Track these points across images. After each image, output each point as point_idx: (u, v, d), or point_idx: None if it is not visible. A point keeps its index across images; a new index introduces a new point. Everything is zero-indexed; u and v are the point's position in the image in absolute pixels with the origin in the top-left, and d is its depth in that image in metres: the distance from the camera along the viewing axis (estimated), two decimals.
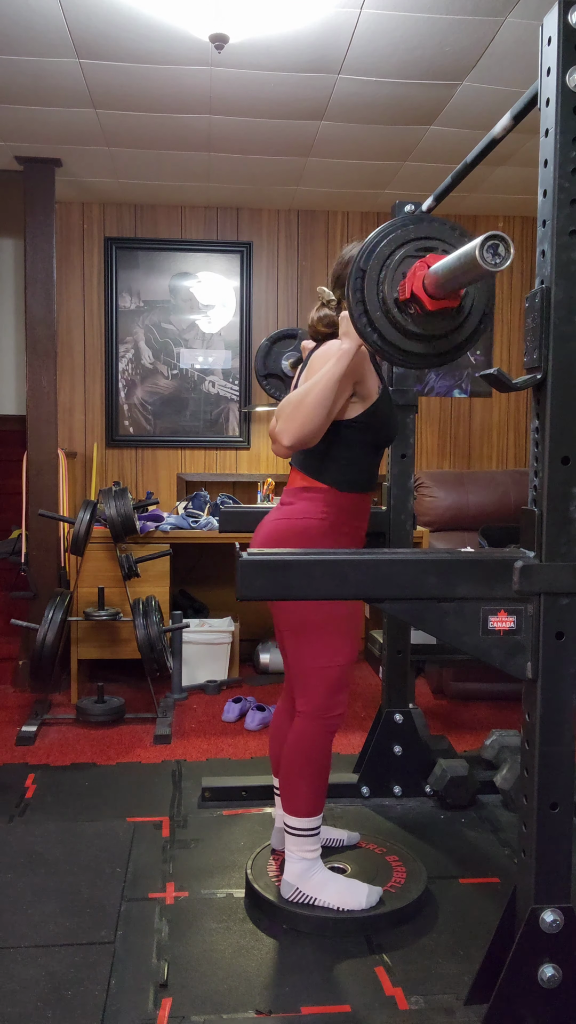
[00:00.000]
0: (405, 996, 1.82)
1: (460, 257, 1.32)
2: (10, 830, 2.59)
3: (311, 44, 2.91)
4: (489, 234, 1.27)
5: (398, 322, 1.49)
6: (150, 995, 1.82)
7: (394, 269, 1.49)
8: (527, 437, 5.06)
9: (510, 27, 2.78)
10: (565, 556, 1.57)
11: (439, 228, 1.53)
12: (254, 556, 1.58)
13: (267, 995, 1.82)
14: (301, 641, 2.09)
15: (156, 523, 4.02)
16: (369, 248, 1.52)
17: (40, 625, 3.50)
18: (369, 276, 1.50)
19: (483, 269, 1.27)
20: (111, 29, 2.81)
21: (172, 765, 3.17)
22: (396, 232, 1.52)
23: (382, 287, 1.49)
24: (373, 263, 1.50)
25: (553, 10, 1.49)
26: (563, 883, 1.61)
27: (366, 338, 1.51)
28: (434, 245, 1.52)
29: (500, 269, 1.28)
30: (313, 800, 2.09)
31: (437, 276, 1.41)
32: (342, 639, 2.09)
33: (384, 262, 1.50)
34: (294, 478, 2.17)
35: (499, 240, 1.27)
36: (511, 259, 1.29)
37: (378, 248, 1.51)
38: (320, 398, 1.90)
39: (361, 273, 1.51)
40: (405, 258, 1.50)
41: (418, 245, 1.51)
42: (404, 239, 1.52)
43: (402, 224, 1.52)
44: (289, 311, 4.85)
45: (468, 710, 3.83)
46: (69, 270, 4.69)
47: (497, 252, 1.27)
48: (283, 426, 1.94)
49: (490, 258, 1.27)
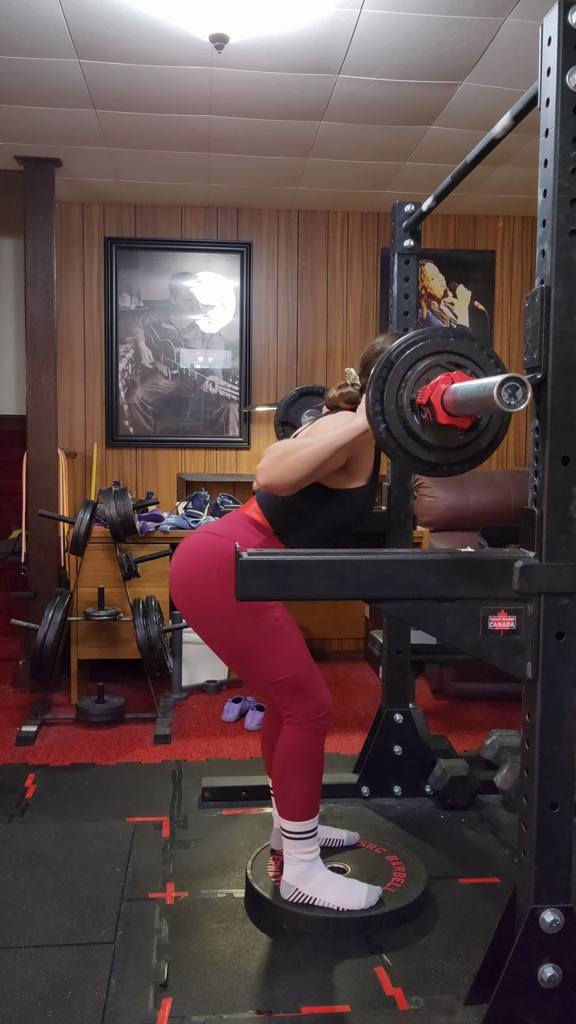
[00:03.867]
0: (405, 996, 1.82)
1: (479, 388, 1.35)
2: (10, 830, 2.59)
3: (311, 44, 2.91)
4: (509, 376, 1.30)
5: (408, 421, 1.53)
6: (150, 995, 1.82)
7: (421, 372, 1.53)
8: (527, 437, 5.06)
9: (510, 27, 2.78)
10: (565, 556, 1.57)
11: (476, 350, 1.56)
12: (254, 556, 1.58)
13: (267, 995, 1.82)
14: (248, 667, 2.07)
15: (156, 523, 4.02)
16: (404, 345, 1.55)
17: (40, 625, 3.50)
18: (396, 370, 1.53)
19: (498, 407, 1.30)
20: (111, 29, 2.81)
21: (172, 765, 3.17)
22: (435, 340, 1.55)
23: (404, 384, 1.53)
24: (403, 360, 1.53)
25: (553, 10, 1.49)
26: (563, 883, 1.61)
27: (374, 425, 1.54)
28: (465, 364, 1.55)
29: (515, 410, 1.31)
30: (308, 803, 2.08)
31: (455, 396, 1.44)
32: (286, 646, 2.05)
33: (414, 363, 1.54)
34: (249, 505, 2.18)
35: (518, 383, 1.30)
36: (527, 403, 1.31)
37: (412, 348, 1.54)
38: (311, 456, 1.89)
39: (390, 365, 1.54)
40: (434, 366, 1.53)
41: (450, 359, 1.54)
42: (439, 348, 1.55)
43: (442, 334, 1.55)
44: (289, 311, 4.85)
45: (468, 710, 3.83)
46: (69, 270, 4.69)
47: (514, 395, 1.30)
48: (265, 465, 1.92)
49: (507, 398, 1.30)
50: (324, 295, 4.87)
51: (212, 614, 2.04)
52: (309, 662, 2.09)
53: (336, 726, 3.60)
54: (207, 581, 2.03)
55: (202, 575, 2.04)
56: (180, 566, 2.10)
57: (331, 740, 3.42)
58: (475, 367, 1.55)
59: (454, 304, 4.95)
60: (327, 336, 4.89)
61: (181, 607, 2.10)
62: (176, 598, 2.11)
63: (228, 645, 2.07)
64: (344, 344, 4.90)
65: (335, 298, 4.88)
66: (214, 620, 2.05)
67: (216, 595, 2.01)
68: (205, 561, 2.04)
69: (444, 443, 1.54)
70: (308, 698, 2.06)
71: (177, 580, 2.10)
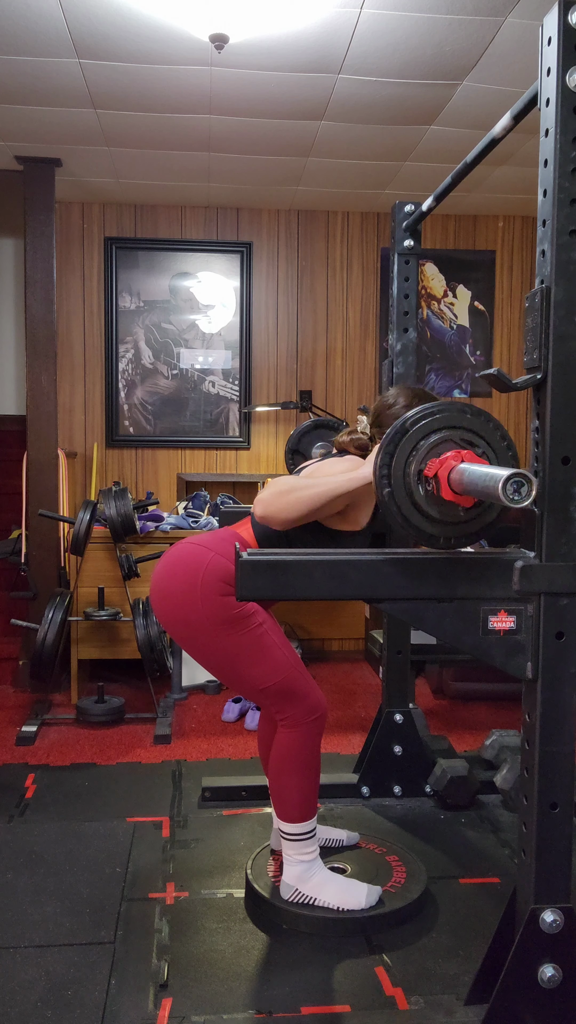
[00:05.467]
0: (405, 996, 1.82)
1: (486, 477, 1.36)
2: (10, 830, 2.59)
3: (311, 44, 2.91)
4: (515, 472, 1.31)
5: (412, 490, 1.54)
6: (150, 995, 1.82)
7: (432, 445, 1.53)
8: (527, 437, 5.06)
9: (510, 27, 2.78)
10: (565, 556, 1.57)
11: (491, 430, 1.56)
12: (254, 556, 1.58)
13: (267, 995, 1.82)
14: (234, 676, 2.06)
15: (156, 523, 4.02)
16: (420, 415, 1.55)
17: (40, 625, 3.50)
18: (408, 438, 1.54)
19: (501, 500, 1.31)
20: (111, 29, 2.81)
21: (172, 765, 3.17)
22: (451, 414, 1.55)
23: (414, 454, 1.54)
24: (417, 430, 1.54)
25: (553, 10, 1.49)
26: (563, 883, 1.61)
27: (378, 487, 1.56)
28: (477, 443, 1.55)
29: (518, 506, 1.31)
30: (305, 805, 2.07)
31: (462, 477, 1.45)
32: (271, 652, 2.03)
33: (427, 434, 1.54)
34: (242, 525, 2.17)
35: (524, 480, 1.31)
36: (531, 499, 1.32)
37: (428, 420, 1.55)
38: (312, 497, 1.89)
39: (404, 432, 1.54)
40: (447, 440, 1.54)
41: (464, 435, 1.55)
42: (454, 423, 1.55)
43: (459, 409, 1.56)
44: (289, 311, 4.85)
45: (468, 710, 3.83)
46: (69, 270, 4.69)
47: (519, 490, 1.32)
48: (266, 497, 1.91)
49: (511, 492, 1.32)
50: (324, 295, 4.87)
51: (194, 625, 2.02)
52: (296, 665, 2.06)
53: (336, 726, 3.60)
54: (190, 591, 2.01)
55: (185, 585, 2.02)
56: (162, 577, 2.08)
57: (331, 740, 3.42)
58: (487, 447, 1.55)
59: (454, 304, 4.95)
60: (327, 336, 4.89)
61: (163, 620, 2.08)
62: (158, 612, 2.09)
63: (212, 655, 2.05)
64: (344, 344, 4.90)
65: (335, 298, 4.88)
66: (196, 631, 2.03)
67: (198, 605, 2.00)
68: (190, 571, 2.03)
69: (445, 517, 1.55)
70: (299, 701, 2.05)
71: (158, 593, 2.08)
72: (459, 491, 1.47)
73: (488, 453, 1.55)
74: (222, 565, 2.02)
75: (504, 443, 1.56)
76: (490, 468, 1.38)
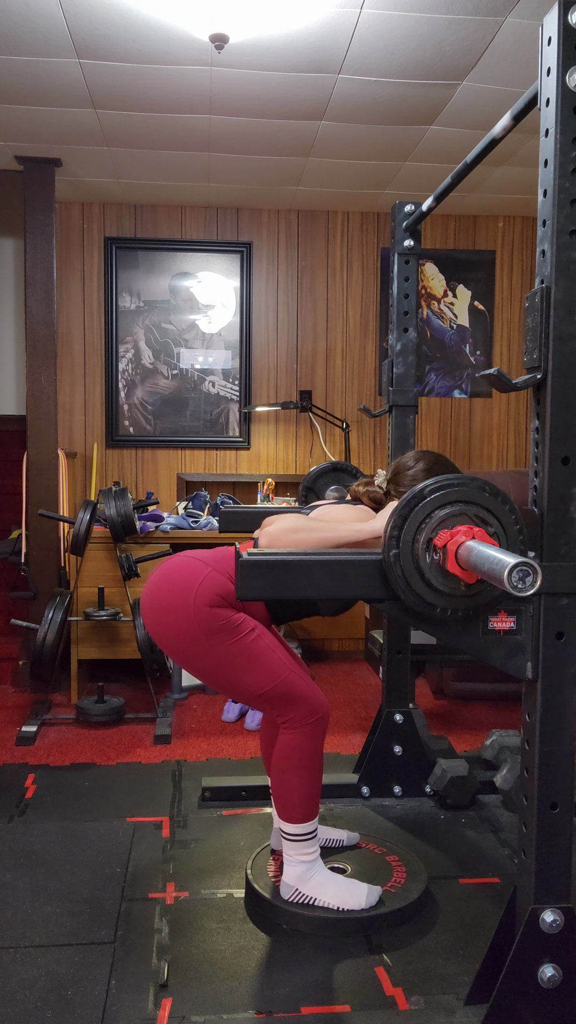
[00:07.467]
0: (405, 996, 1.82)
1: (492, 561, 1.37)
2: (10, 830, 2.59)
3: (311, 44, 2.91)
4: (522, 560, 1.31)
5: (418, 555, 1.54)
6: (150, 995, 1.82)
7: (446, 516, 1.54)
8: (527, 437, 5.06)
9: (510, 27, 2.78)
10: (565, 556, 1.57)
11: (506, 512, 1.56)
12: (254, 556, 1.58)
13: (267, 995, 1.82)
14: (230, 684, 2.05)
15: (156, 523, 4.02)
16: (438, 485, 1.55)
17: (40, 625, 3.50)
18: (423, 506, 1.54)
19: (505, 586, 1.32)
20: (111, 29, 2.81)
21: (172, 765, 3.17)
22: (468, 489, 1.55)
23: (427, 522, 1.54)
24: (433, 499, 1.54)
25: (553, 10, 1.48)
26: (563, 883, 1.61)
27: (386, 546, 1.56)
28: (491, 523, 1.55)
29: (522, 595, 1.32)
30: (307, 805, 2.07)
31: (468, 554, 1.45)
32: (264, 657, 2.03)
33: (443, 504, 1.54)
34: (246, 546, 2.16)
35: (530, 570, 1.31)
36: (536, 589, 1.32)
37: (445, 491, 1.55)
38: (317, 541, 1.90)
39: (420, 498, 1.55)
40: (462, 514, 1.54)
41: (479, 512, 1.55)
42: (470, 499, 1.55)
43: (478, 487, 1.55)
44: (289, 311, 4.85)
45: (468, 710, 3.83)
46: (69, 270, 4.69)
47: (524, 579, 1.31)
48: (273, 531, 1.91)
49: (516, 581, 1.31)
50: (324, 295, 4.87)
51: (186, 638, 2.01)
52: (292, 667, 2.06)
53: (336, 726, 3.60)
54: (183, 604, 2.00)
55: (178, 597, 2.01)
56: (156, 588, 2.07)
57: (331, 740, 3.42)
58: (500, 529, 1.55)
59: (454, 304, 4.95)
60: (327, 336, 4.89)
61: (155, 633, 2.07)
62: (149, 625, 2.08)
63: (205, 666, 2.05)
64: (344, 344, 4.90)
65: (335, 298, 4.88)
66: (188, 643, 2.02)
67: (190, 616, 1.99)
68: (185, 583, 2.02)
69: (446, 588, 1.55)
70: (299, 703, 2.05)
71: (150, 606, 2.07)
72: (464, 567, 1.48)
73: (499, 534, 1.54)
74: (218, 580, 2.02)
75: (517, 527, 1.56)
76: (499, 552, 1.37)
